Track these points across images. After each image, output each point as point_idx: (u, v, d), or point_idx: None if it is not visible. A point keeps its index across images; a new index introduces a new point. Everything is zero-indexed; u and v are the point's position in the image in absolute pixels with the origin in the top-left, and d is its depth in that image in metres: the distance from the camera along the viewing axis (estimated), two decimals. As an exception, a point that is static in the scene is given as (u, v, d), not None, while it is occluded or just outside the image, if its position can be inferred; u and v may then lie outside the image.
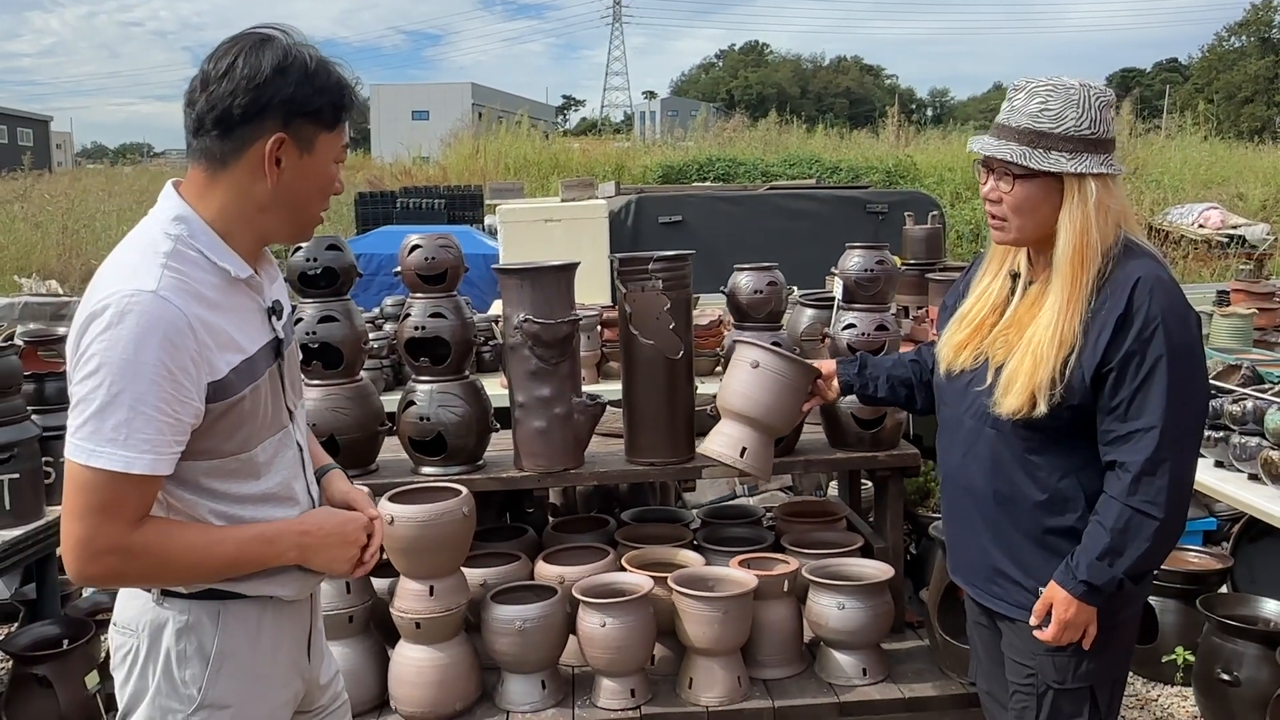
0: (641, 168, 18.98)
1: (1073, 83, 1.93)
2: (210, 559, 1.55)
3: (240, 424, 1.58)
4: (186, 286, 1.51)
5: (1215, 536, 4.59)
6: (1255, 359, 4.20)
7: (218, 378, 1.52)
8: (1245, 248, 12.72)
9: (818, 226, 7.82)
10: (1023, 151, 1.91)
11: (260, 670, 1.68)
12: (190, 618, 1.61)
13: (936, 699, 2.79)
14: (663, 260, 2.88)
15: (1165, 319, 1.85)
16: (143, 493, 1.49)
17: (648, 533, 3.29)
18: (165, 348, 1.44)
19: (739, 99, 58.39)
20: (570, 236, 6.51)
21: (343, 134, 1.63)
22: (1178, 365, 1.85)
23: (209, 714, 1.63)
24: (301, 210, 1.63)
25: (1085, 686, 2.00)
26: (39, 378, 3.72)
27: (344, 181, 1.67)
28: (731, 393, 2.48)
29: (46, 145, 46.00)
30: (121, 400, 1.43)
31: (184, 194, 1.59)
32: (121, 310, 1.44)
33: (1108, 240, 1.92)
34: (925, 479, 4.27)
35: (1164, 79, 53.50)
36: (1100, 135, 1.92)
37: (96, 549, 1.47)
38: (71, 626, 3.55)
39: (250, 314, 1.63)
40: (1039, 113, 1.91)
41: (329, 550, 1.67)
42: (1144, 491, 1.85)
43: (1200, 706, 3.48)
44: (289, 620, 1.73)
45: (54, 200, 18.11)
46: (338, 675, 1.98)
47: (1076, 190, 1.90)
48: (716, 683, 2.76)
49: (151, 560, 1.51)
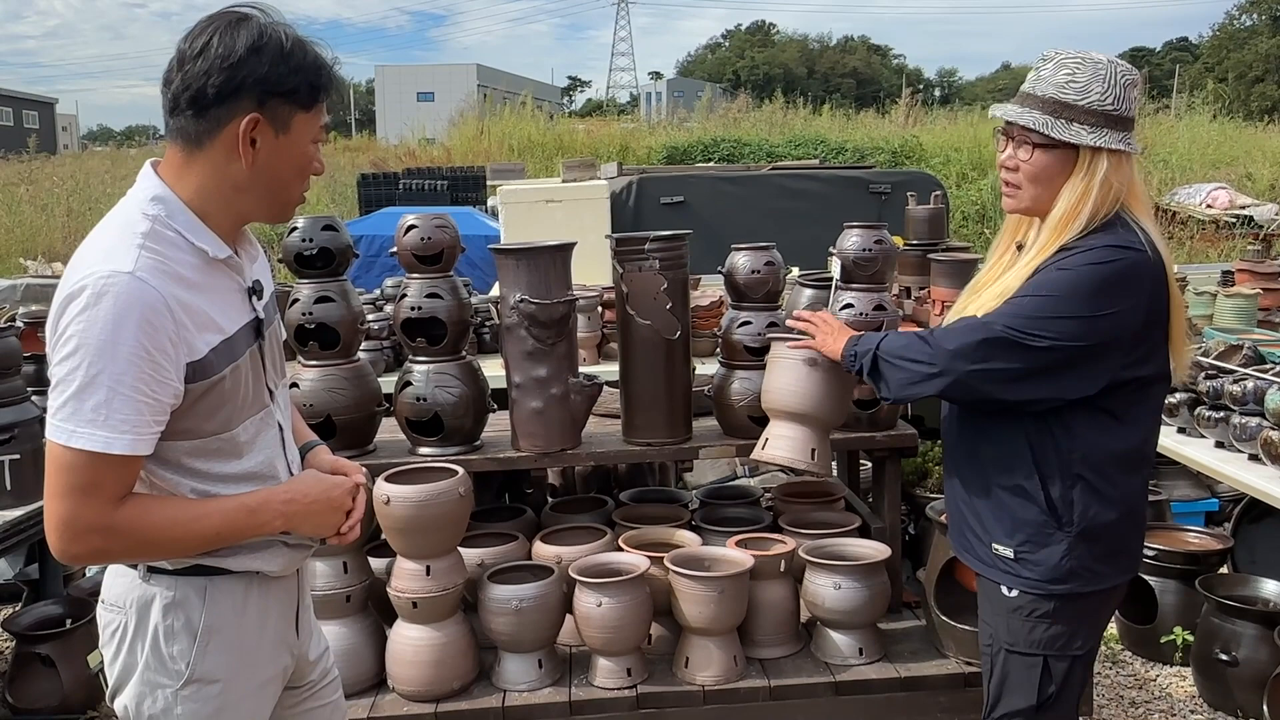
0: (646, 149, 18.93)
1: (1101, 57, 1.95)
2: (194, 533, 1.56)
3: (221, 404, 1.59)
4: (164, 267, 1.51)
5: (1217, 517, 4.59)
6: (1258, 339, 4.18)
7: (197, 358, 1.53)
8: (1253, 228, 12.63)
9: (820, 207, 7.79)
10: (1045, 120, 1.93)
11: (248, 645, 1.69)
12: (177, 593, 1.63)
13: (933, 678, 2.79)
14: (659, 240, 2.87)
15: (1079, 267, 1.88)
16: (124, 472, 1.50)
17: (645, 513, 3.30)
18: (143, 328, 1.45)
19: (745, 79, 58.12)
20: (571, 217, 6.49)
21: (321, 114, 1.62)
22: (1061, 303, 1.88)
23: (197, 688, 1.64)
24: (279, 191, 1.62)
25: (1038, 654, 2.03)
26: (39, 359, 3.73)
27: (339, 163, 1.70)
28: (787, 393, 2.38)
29: (52, 128, 46.01)
30: (100, 381, 1.43)
31: (162, 174, 1.59)
32: (98, 291, 1.44)
33: (1099, 214, 1.93)
34: (923, 459, 4.26)
35: (1174, 58, 53.11)
36: (1122, 112, 1.94)
37: (79, 529, 1.48)
38: (74, 606, 3.58)
39: (230, 294, 1.63)
40: (1065, 84, 1.93)
41: (314, 516, 1.68)
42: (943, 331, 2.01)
43: (1198, 686, 3.49)
44: (276, 595, 1.74)
45: (60, 183, 18.13)
46: (327, 651, 1.99)
47: (1088, 163, 1.92)
48: (713, 662, 2.77)
49: (135, 537, 1.52)
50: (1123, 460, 1.99)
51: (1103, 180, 1.91)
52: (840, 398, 2.38)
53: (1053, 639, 2.01)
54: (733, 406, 2.97)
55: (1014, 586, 2.03)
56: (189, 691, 1.64)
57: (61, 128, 49.81)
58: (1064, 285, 1.89)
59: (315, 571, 2.76)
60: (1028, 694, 2.04)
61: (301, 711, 1.91)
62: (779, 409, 2.42)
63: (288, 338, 2.52)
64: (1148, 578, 3.71)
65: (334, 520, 1.71)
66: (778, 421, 2.44)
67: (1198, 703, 3.46)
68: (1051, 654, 2.02)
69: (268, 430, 1.70)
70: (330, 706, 1.97)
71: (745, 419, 2.94)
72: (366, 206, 13.14)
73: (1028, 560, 2.01)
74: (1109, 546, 2.01)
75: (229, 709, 1.68)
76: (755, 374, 2.95)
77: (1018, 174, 1.99)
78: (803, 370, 2.35)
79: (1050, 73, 1.95)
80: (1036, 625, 2.02)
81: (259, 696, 1.74)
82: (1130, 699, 3.50)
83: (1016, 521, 2.02)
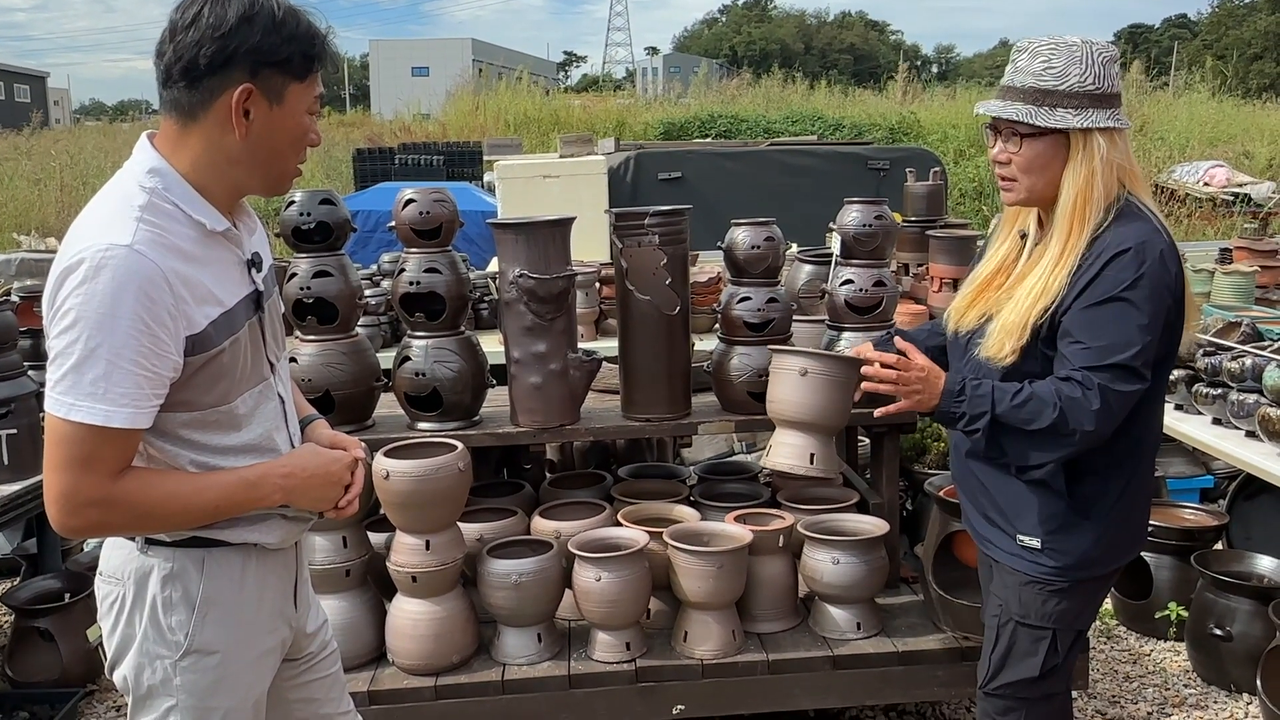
0: (643, 124, 18.80)
1: (1075, 40, 1.93)
2: (193, 506, 1.56)
3: (220, 376, 1.58)
4: (162, 240, 1.50)
5: (1211, 494, 4.61)
6: (1256, 316, 4.18)
7: (196, 331, 1.52)
8: (1250, 206, 12.62)
9: (819, 183, 7.77)
10: (1028, 110, 1.92)
11: (245, 617, 1.69)
12: (175, 565, 1.63)
13: (930, 653, 2.81)
14: (659, 215, 2.85)
15: (1145, 279, 1.86)
16: (123, 445, 1.49)
17: (644, 488, 3.30)
18: (142, 302, 1.44)
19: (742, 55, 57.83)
20: (568, 193, 6.47)
21: (315, 85, 1.60)
22: (1133, 301, 1.86)
23: (196, 659, 1.65)
24: (274, 162, 1.61)
25: (1047, 628, 2.05)
26: (35, 333, 3.73)
27: (334, 139, 1.70)
28: (785, 403, 2.44)
29: (44, 101, 45.65)
30: (99, 354, 1.43)
31: (158, 146, 1.58)
32: (97, 265, 1.44)
33: (1110, 194, 1.92)
34: (921, 436, 4.27)
35: (1173, 35, 52.89)
36: (1105, 90, 1.92)
37: (78, 502, 1.48)
38: (73, 580, 3.59)
39: (228, 267, 1.62)
40: (1042, 71, 1.92)
41: (313, 490, 1.68)
42: (1069, 389, 1.87)
43: (1192, 661, 3.51)
44: (274, 568, 1.74)
45: (54, 158, 18.00)
46: (326, 624, 2.00)
47: (1082, 146, 1.91)
48: (711, 636, 2.78)
49: (134, 511, 1.52)
50: (1143, 444, 2.02)
51: (1104, 160, 1.91)
52: (839, 405, 2.39)
53: (1064, 613, 2.03)
54: (732, 382, 2.97)
55: (1038, 573, 2.05)
56: (187, 662, 1.64)
57: (54, 101, 49.42)
58: (1136, 304, 1.87)
59: (315, 546, 2.76)
60: (1032, 665, 2.06)
61: (301, 684, 1.92)
62: (780, 418, 2.47)
63: (286, 313, 2.51)
64: (1143, 554, 3.73)
65: (332, 494, 1.71)
66: (781, 429, 2.49)
67: (1191, 677, 3.49)
68: (1061, 628, 2.05)
69: (267, 403, 1.69)
70: (329, 679, 1.98)
71: (744, 395, 2.94)
72: (362, 182, 13.09)
73: (1055, 550, 2.03)
74: (1130, 531, 2.05)
75: (227, 680, 1.68)
76: (755, 350, 2.95)
77: (1010, 167, 1.98)
78: (798, 382, 2.40)
79: (1026, 62, 1.94)
80: (1049, 599, 2.05)
81: (257, 668, 1.74)
82: (1125, 673, 3.53)
83: (1042, 515, 2.03)
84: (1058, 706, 2.15)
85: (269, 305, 1.72)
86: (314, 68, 1.57)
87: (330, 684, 1.99)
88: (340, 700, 2.02)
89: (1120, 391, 1.87)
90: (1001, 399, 1.92)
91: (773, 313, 2.97)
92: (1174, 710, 3.29)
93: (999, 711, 2.13)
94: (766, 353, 2.95)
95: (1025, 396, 1.90)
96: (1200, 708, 3.31)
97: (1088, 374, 1.87)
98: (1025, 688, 2.09)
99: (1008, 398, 1.91)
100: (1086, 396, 1.86)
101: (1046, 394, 1.89)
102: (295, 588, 1.83)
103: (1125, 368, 1.87)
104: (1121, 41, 53.80)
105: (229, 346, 1.58)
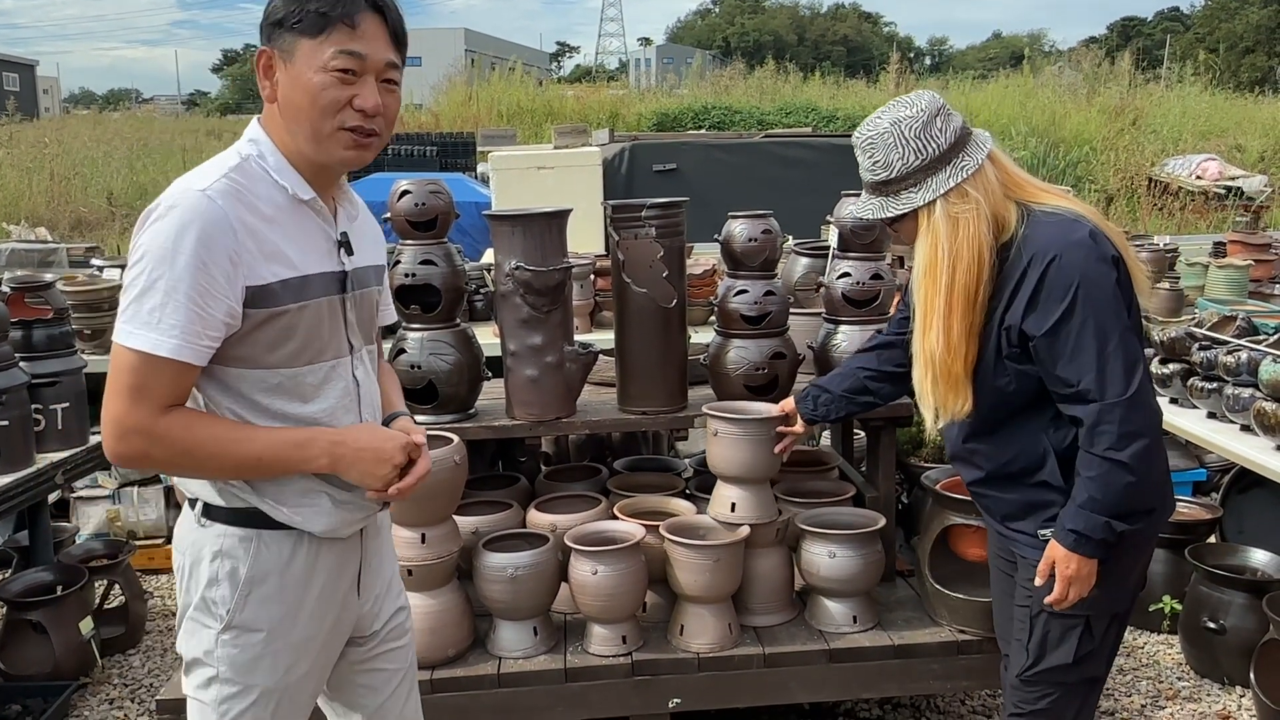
0: (636, 115, 18.79)
1: (884, 124, 1.99)
2: (235, 453, 1.59)
3: (285, 339, 1.62)
4: (240, 194, 1.58)
5: (1205, 487, 4.62)
6: (1250, 310, 4.19)
7: (258, 284, 1.57)
8: (1243, 200, 12.65)
9: (814, 175, 7.76)
10: (880, 204, 2.04)
11: (290, 600, 1.72)
12: (225, 543, 1.68)
13: (926, 646, 2.81)
14: (656, 207, 2.84)
15: (1083, 285, 1.88)
16: (172, 379, 1.54)
17: (640, 481, 3.29)
18: (202, 240, 1.51)
19: (735, 46, 57.73)
20: (563, 184, 6.45)
21: (331, 43, 1.58)
22: (1101, 322, 1.88)
23: (236, 635, 1.69)
24: (302, 122, 1.62)
25: (1080, 615, 2.05)
26: (26, 324, 3.70)
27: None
28: (712, 459, 2.77)
29: (33, 90, 45.35)
30: (158, 286, 1.51)
31: (263, 123, 1.68)
32: (170, 205, 1.54)
33: (977, 242, 1.94)
34: (918, 429, 4.27)
35: (1165, 28, 52.93)
36: (932, 154, 1.96)
37: (125, 428, 1.53)
38: (65, 573, 3.57)
39: (312, 237, 1.67)
40: (873, 167, 2.03)
41: (362, 464, 1.66)
42: (1101, 440, 1.90)
43: (1185, 654, 3.52)
44: (328, 556, 1.75)
45: (44, 147, 17.89)
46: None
47: (928, 217, 1.98)
48: (707, 630, 2.78)
49: (177, 447, 1.56)
50: None
51: (947, 219, 1.95)
52: (759, 459, 2.70)
53: (1095, 600, 2.02)
54: (728, 375, 2.96)
55: None
56: (228, 636, 1.69)
57: (43, 90, 49.06)
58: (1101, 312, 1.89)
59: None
60: (1067, 652, 2.07)
61: (365, 669, 1.92)
62: (714, 472, 2.82)
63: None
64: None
65: (380, 472, 1.68)
66: (718, 482, 2.83)
67: (1185, 670, 3.50)
68: (1095, 613, 2.05)
69: (338, 381, 1.71)
70: (393, 673, 1.95)
71: (741, 388, 2.93)
72: (354, 172, 13.01)
73: None
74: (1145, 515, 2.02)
75: (267, 659, 1.71)
76: (751, 343, 2.94)
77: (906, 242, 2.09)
78: (717, 442, 2.72)
79: (862, 161, 2.04)
80: None
81: (300, 651, 1.75)
82: (1118, 666, 3.53)
83: (1053, 510, 2.04)
84: (1095, 690, 2.15)
85: (361, 295, 1.76)
86: (327, 25, 1.58)
87: (392, 678, 1.95)
88: (405, 702, 1.98)
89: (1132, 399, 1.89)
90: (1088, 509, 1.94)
91: (770, 305, 2.96)
92: (1167, 702, 3.31)
93: (1036, 698, 2.12)
94: (763, 346, 2.95)
95: (1088, 492, 1.93)
96: (1194, 700, 3.32)
97: (1089, 407, 1.90)
98: (1061, 673, 2.09)
99: (1087, 509, 1.94)
100: (1106, 429, 1.89)
101: (1093, 465, 1.92)
102: (360, 575, 1.83)
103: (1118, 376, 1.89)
104: (1114, 33, 53.88)
105: (296, 311, 1.62)
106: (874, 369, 2.46)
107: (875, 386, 2.47)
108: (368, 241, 1.81)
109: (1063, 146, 15.79)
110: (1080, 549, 1.95)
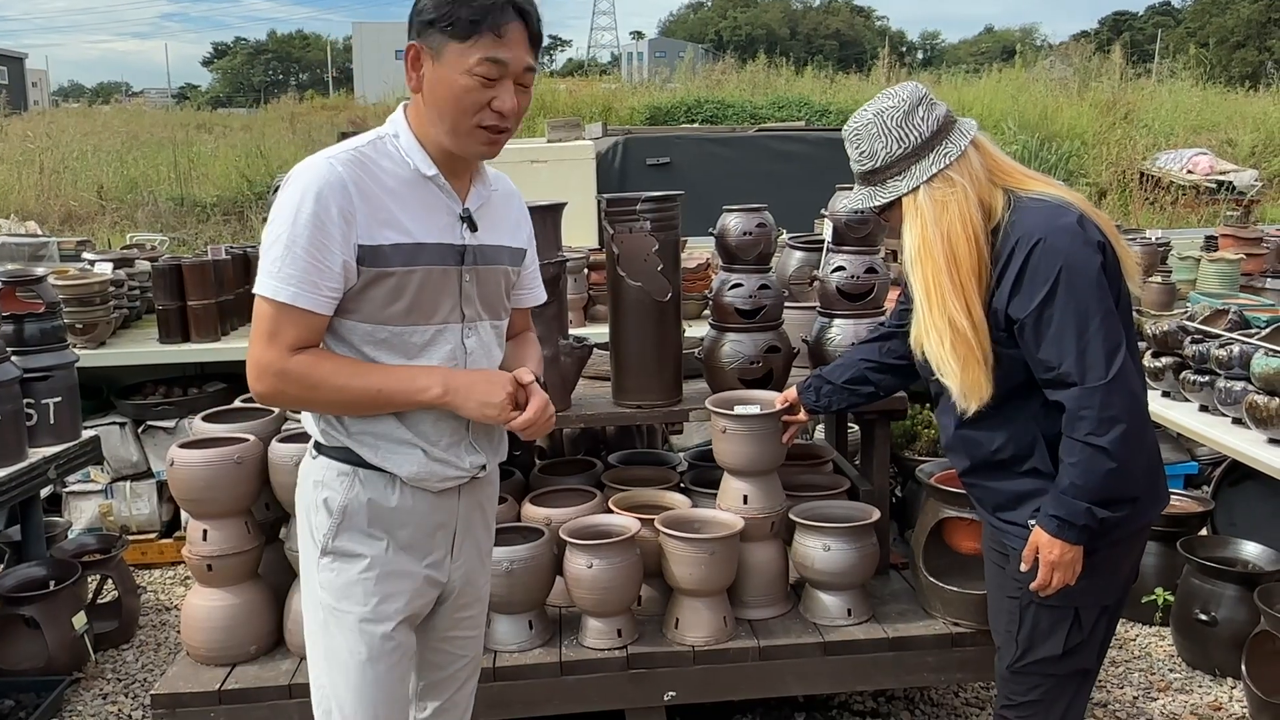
0: (629, 109, 18.71)
1: (868, 115, 2.03)
2: (354, 385, 1.74)
3: (395, 298, 1.75)
4: (363, 164, 1.72)
5: (1196, 480, 4.64)
6: (1242, 303, 4.20)
7: (370, 243, 1.71)
8: (1234, 194, 12.69)
9: (807, 168, 7.76)
10: (868, 193, 2.06)
11: (378, 537, 1.84)
12: (326, 475, 1.84)
13: (920, 639, 2.82)
14: (651, 201, 2.84)
15: (1066, 268, 1.88)
16: (298, 324, 1.70)
17: (634, 475, 3.29)
18: (319, 199, 1.67)
19: (727, 40, 57.65)
20: (557, 178, 6.43)
21: (480, 49, 1.68)
22: (1082, 306, 1.88)
23: (330, 560, 1.85)
24: (444, 117, 1.73)
25: (1068, 606, 2.05)
26: (18, 318, 3.68)
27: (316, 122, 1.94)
28: (719, 454, 2.83)
29: (22, 83, 45.09)
30: (281, 240, 1.68)
31: (407, 110, 1.81)
32: (299, 173, 1.71)
33: (969, 223, 1.94)
34: (911, 423, 4.28)
35: (1157, 22, 53.02)
36: (915, 143, 1.99)
37: (260, 368, 1.72)
38: (58, 568, 3.55)
39: (432, 211, 1.79)
40: (859, 158, 2.06)
41: (476, 393, 1.77)
42: (1082, 425, 1.91)
43: (1177, 646, 3.54)
44: (420, 503, 1.85)
45: (33, 140, 17.78)
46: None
47: (913, 203, 2.00)
48: (702, 623, 2.78)
49: (304, 382, 1.72)
50: None
51: (934, 204, 1.96)
52: (766, 452, 2.77)
53: (1083, 590, 2.03)
54: (723, 369, 2.96)
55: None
56: (324, 561, 1.85)
57: (32, 83, 48.74)
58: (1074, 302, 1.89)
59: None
60: (1056, 643, 2.08)
61: (442, 636, 2.02)
62: (722, 466, 2.87)
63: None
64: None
65: (495, 400, 1.77)
66: (725, 475, 2.89)
67: (1176, 662, 3.52)
68: (1083, 604, 2.05)
69: (444, 344, 1.82)
70: (454, 655, 2.05)
71: (736, 381, 2.94)
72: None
73: None
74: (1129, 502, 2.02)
75: (357, 588, 1.83)
76: (746, 336, 2.95)
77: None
78: (723, 438, 2.79)
79: (849, 152, 2.08)
80: None
81: (387, 587, 1.84)
82: (1110, 658, 3.55)
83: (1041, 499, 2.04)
84: (1086, 682, 2.16)
85: (484, 270, 1.86)
86: (478, 31, 1.67)
87: (452, 660, 2.05)
88: (461, 687, 2.09)
89: (1111, 383, 1.88)
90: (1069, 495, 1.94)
91: (764, 299, 2.96)
92: (1159, 694, 3.32)
93: (1027, 689, 2.13)
94: (758, 339, 2.96)
95: (1070, 478, 1.93)
96: (1185, 692, 3.34)
97: (1070, 391, 1.91)
98: (1051, 665, 2.10)
99: (1069, 495, 1.94)
100: (1086, 413, 1.89)
101: (1075, 450, 1.92)
102: (454, 541, 1.93)
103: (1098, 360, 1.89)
104: (1105, 28, 53.93)
105: (405, 274, 1.74)
106: (876, 360, 2.47)
107: (877, 378, 2.47)
108: (502, 223, 1.92)
109: (1054, 141, 15.79)
110: (1062, 535, 1.96)
